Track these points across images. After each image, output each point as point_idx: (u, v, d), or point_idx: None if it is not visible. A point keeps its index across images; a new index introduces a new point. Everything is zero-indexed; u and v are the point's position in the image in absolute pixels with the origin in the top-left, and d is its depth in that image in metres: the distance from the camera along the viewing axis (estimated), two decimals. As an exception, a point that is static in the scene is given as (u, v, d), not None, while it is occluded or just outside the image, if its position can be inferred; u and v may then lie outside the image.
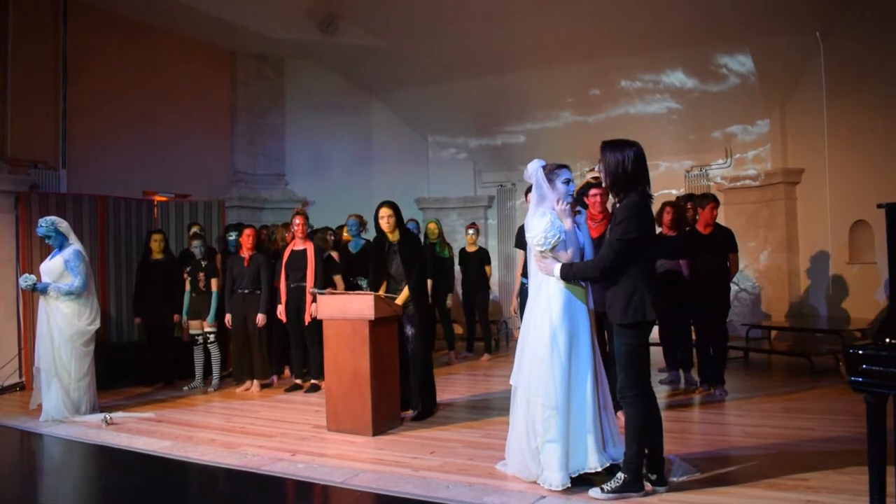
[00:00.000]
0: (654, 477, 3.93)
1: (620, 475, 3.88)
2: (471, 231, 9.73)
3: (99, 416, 6.22)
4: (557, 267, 4.06)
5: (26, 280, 6.26)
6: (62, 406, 6.24)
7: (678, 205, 7.34)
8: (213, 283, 7.80)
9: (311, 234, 7.88)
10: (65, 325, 6.31)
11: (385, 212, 6.05)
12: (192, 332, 7.88)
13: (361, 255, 8.10)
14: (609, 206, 5.67)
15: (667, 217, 7.14)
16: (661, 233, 7.17)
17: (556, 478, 4.00)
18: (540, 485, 4.07)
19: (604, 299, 5.21)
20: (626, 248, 3.83)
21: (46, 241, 6.53)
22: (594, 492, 3.88)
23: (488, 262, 9.76)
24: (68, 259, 6.36)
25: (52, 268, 6.37)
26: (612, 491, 3.84)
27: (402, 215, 6.16)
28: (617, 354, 3.99)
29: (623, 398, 3.95)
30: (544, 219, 4.20)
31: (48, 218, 6.50)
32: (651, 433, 3.93)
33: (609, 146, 4.02)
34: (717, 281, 6.76)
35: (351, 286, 7.87)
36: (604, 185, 4.12)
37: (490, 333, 9.91)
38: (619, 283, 3.90)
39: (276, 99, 12.00)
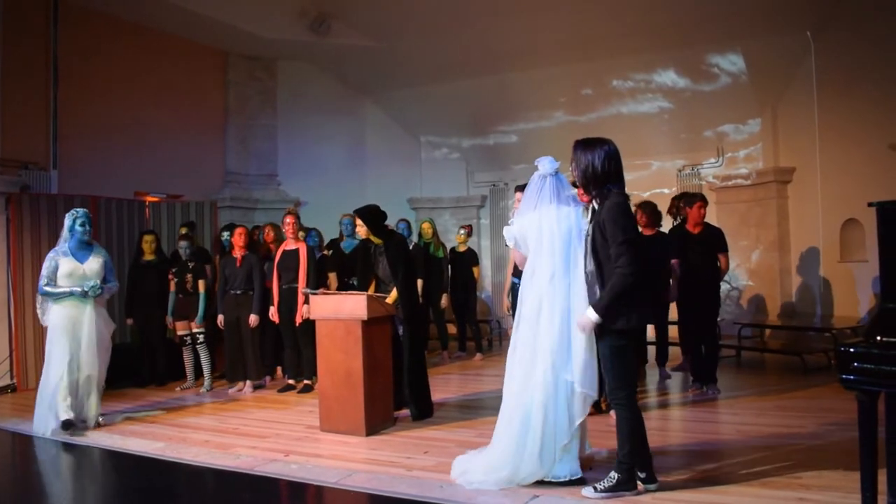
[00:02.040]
0: (643, 475, 3.93)
1: (613, 474, 3.89)
2: (462, 231, 9.74)
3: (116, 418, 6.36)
4: (591, 311, 3.84)
5: (93, 287, 6.00)
6: (98, 412, 6.17)
7: (649, 204, 7.35)
8: (201, 284, 7.76)
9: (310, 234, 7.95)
10: (108, 326, 6.29)
11: (356, 221, 6.06)
12: (179, 332, 7.84)
13: (355, 255, 8.09)
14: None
15: (640, 219, 7.19)
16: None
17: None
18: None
19: (592, 298, 5.18)
20: (633, 250, 3.77)
21: (82, 234, 6.16)
22: (587, 491, 3.89)
23: (476, 263, 9.76)
24: (107, 260, 6.31)
25: (94, 269, 6.12)
26: (605, 490, 3.85)
27: (378, 218, 6.07)
28: (603, 357, 3.96)
29: (613, 399, 3.95)
30: (579, 210, 4.22)
31: (80, 209, 6.33)
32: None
33: (581, 145, 4.03)
34: (708, 280, 6.78)
35: (344, 286, 7.86)
36: (577, 184, 4.08)
37: (480, 333, 9.91)
38: (625, 279, 3.77)
39: (268, 100, 11.99)
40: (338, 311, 5.57)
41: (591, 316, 3.83)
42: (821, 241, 9.28)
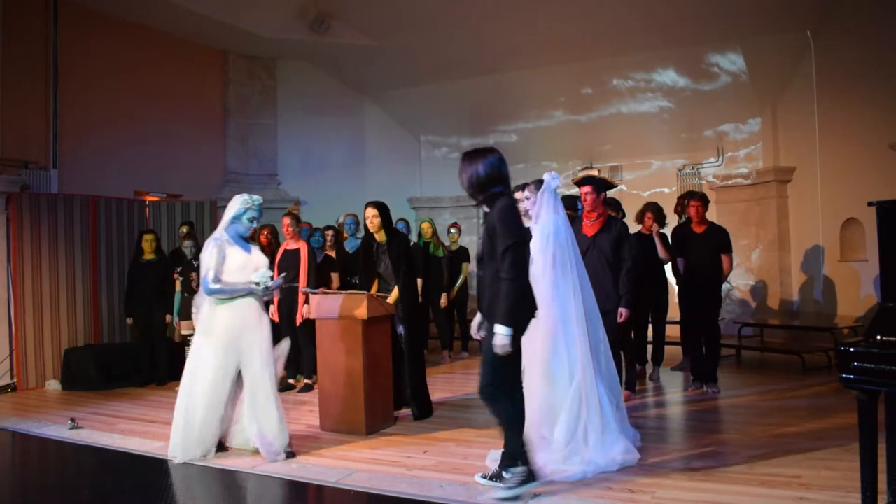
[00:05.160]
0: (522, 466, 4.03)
1: (518, 470, 3.93)
2: (453, 230, 9.77)
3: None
4: (498, 328, 3.83)
5: (263, 273, 4.95)
6: (286, 437, 5.01)
7: (656, 204, 7.50)
8: (206, 283, 7.75)
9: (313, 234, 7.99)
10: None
11: (370, 212, 6.04)
12: (184, 332, 7.85)
13: (357, 254, 8.09)
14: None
15: (647, 219, 7.30)
16: (639, 232, 7.27)
17: None
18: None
19: (602, 298, 5.33)
20: (520, 252, 3.87)
21: (247, 230, 5.12)
22: (484, 481, 4.07)
23: (467, 259, 9.74)
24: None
25: (264, 261, 5.10)
26: (509, 487, 3.94)
27: (389, 215, 6.12)
28: (486, 352, 3.95)
29: (483, 393, 4.00)
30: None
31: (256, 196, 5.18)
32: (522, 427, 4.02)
33: (466, 156, 4.14)
34: (710, 279, 6.78)
35: (347, 285, 7.86)
36: (467, 193, 4.19)
37: (468, 331, 9.92)
38: (513, 285, 3.84)
39: (267, 99, 11.99)
40: (338, 310, 5.57)
41: (501, 331, 3.78)
42: (821, 241, 9.28)
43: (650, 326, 7.61)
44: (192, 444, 4.84)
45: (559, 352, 4.48)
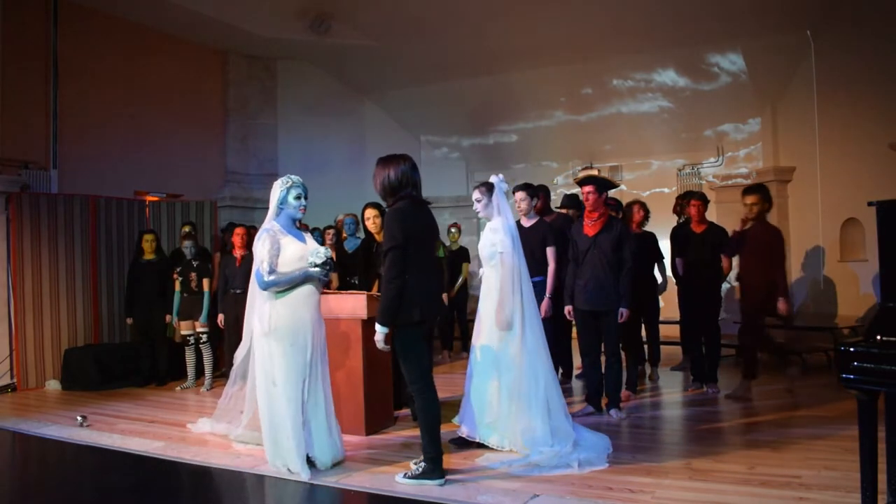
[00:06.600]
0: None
1: (422, 463, 4.17)
2: (453, 230, 9.78)
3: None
4: (377, 325, 4.15)
5: (324, 251, 4.53)
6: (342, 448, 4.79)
7: (639, 202, 7.51)
8: (205, 283, 7.77)
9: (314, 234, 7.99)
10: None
11: (370, 213, 6.04)
12: (183, 332, 7.86)
13: (356, 254, 8.10)
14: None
15: (637, 216, 7.30)
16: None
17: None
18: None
19: (594, 298, 5.40)
20: (398, 255, 4.03)
21: (296, 210, 4.61)
22: (398, 476, 4.21)
23: (467, 259, 9.74)
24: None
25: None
26: (412, 477, 4.15)
27: None
28: (398, 353, 4.23)
29: (412, 390, 4.25)
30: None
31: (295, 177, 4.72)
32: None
33: (379, 162, 4.38)
34: (710, 279, 6.78)
35: (347, 285, 7.87)
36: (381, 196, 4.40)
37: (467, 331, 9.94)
38: (389, 287, 4.06)
39: (268, 99, 11.99)
40: (338, 310, 5.57)
41: (377, 328, 4.14)
42: (821, 241, 9.27)
43: (643, 326, 7.60)
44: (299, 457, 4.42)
45: (530, 349, 4.83)
